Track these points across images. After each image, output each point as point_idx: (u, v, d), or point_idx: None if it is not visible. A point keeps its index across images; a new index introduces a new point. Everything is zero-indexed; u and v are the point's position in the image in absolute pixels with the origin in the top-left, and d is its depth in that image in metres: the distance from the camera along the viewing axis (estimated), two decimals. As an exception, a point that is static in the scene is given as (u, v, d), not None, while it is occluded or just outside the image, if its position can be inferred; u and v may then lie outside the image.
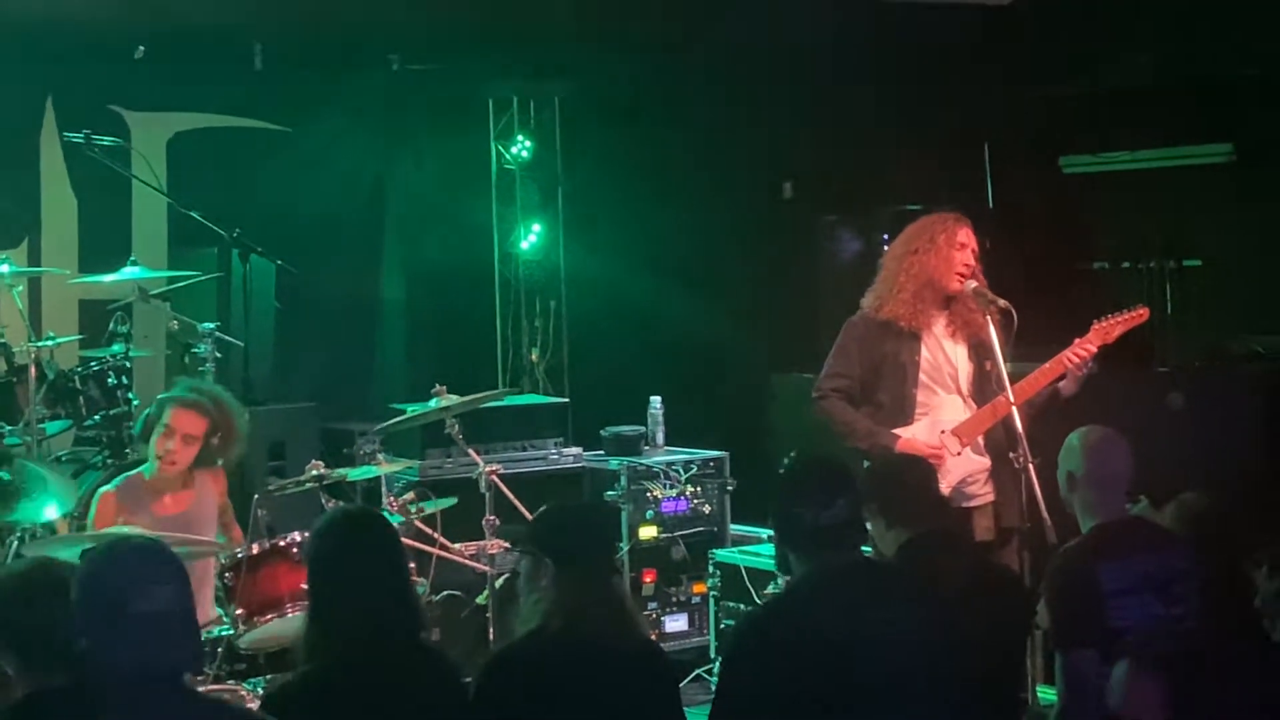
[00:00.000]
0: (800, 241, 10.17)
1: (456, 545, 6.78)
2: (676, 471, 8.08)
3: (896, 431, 6.34)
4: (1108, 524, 5.08)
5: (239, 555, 6.01)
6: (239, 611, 5.89)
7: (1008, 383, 6.18)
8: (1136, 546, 4.99)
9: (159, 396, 6.56)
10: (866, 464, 5.88)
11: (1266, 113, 9.09)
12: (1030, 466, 5.98)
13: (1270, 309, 9.11)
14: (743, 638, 4.43)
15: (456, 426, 6.82)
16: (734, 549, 7.83)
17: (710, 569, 7.75)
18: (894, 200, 9.29)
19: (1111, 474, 5.13)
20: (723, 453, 8.27)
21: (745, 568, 7.51)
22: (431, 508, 6.81)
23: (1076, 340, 6.32)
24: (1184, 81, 9.22)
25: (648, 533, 7.99)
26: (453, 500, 6.89)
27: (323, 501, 6.33)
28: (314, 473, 6.37)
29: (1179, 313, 9.35)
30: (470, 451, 6.86)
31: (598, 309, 10.06)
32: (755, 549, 7.69)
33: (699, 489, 8.12)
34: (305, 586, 4.52)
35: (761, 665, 4.23)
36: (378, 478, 6.89)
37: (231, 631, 5.93)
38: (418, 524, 6.69)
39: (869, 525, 4.89)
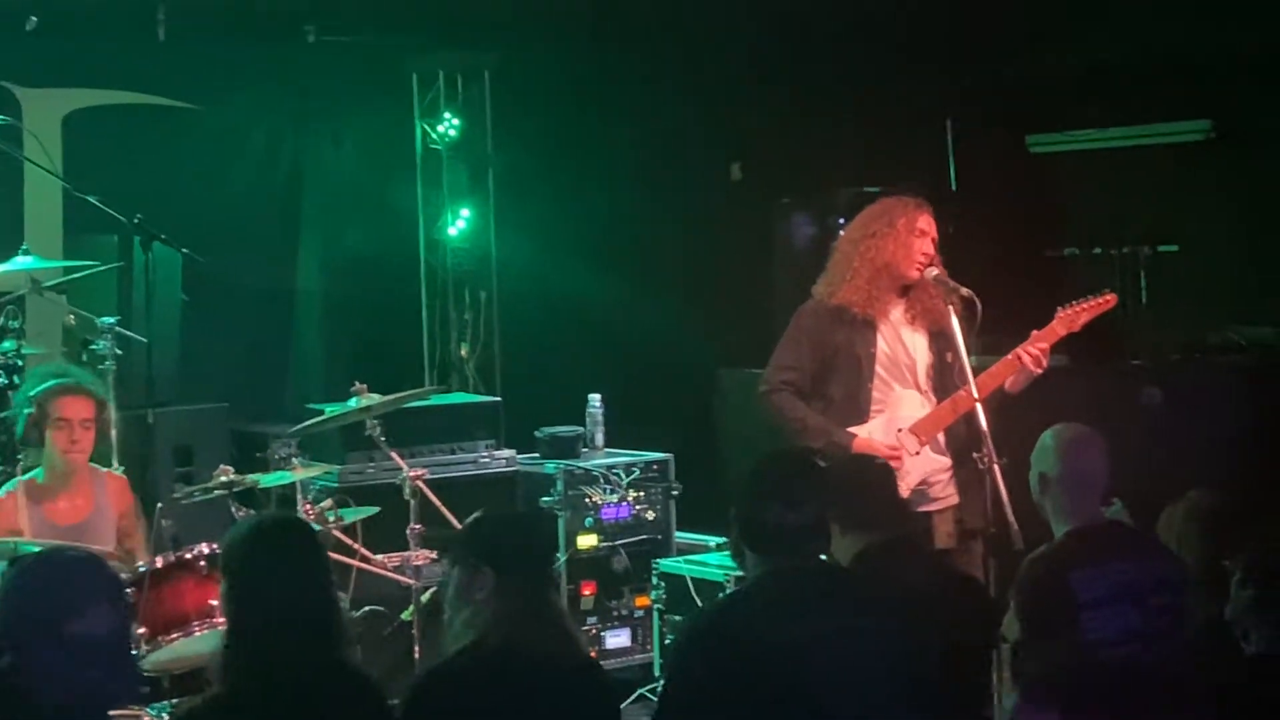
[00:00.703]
0: (750, 227, 10.17)
1: (379, 556, 6.76)
2: (617, 475, 8.06)
3: (852, 430, 6.35)
4: (1082, 529, 5.10)
5: (142, 569, 5.96)
6: (142, 631, 5.85)
7: (970, 376, 6.20)
8: (1113, 553, 5.01)
9: (29, 395, 6.54)
10: (821, 464, 5.87)
11: (1247, 87, 9.15)
12: (995, 466, 5.99)
13: (1252, 297, 9.18)
14: (690, 640, 4.43)
15: (379, 428, 6.80)
16: (680, 559, 7.82)
17: (654, 580, 7.73)
18: (851, 182, 9.31)
19: (1087, 475, 5.15)
20: (667, 454, 8.25)
21: (692, 579, 7.50)
22: (351, 516, 6.78)
23: (1034, 333, 6.34)
24: (1159, 54, 9.27)
25: (586, 542, 7.96)
26: (375, 509, 6.86)
27: (233, 510, 6.29)
28: (223, 479, 6.35)
29: (1155, 302, 9.40)
30: (393, 455, 6.83)
31: (532, 300, 10.03)
32: (703, 558, 7.68)
33: (642, 494, 8.10)
34: (216, 602, 4.48)
35: (709, 671, 4.24)
36: (293, 484, 6.84)
37: (134, 653, 5.87)
38: (336, 533, 6.66)
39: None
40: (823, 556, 4.96)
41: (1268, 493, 7.13)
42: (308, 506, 6.79)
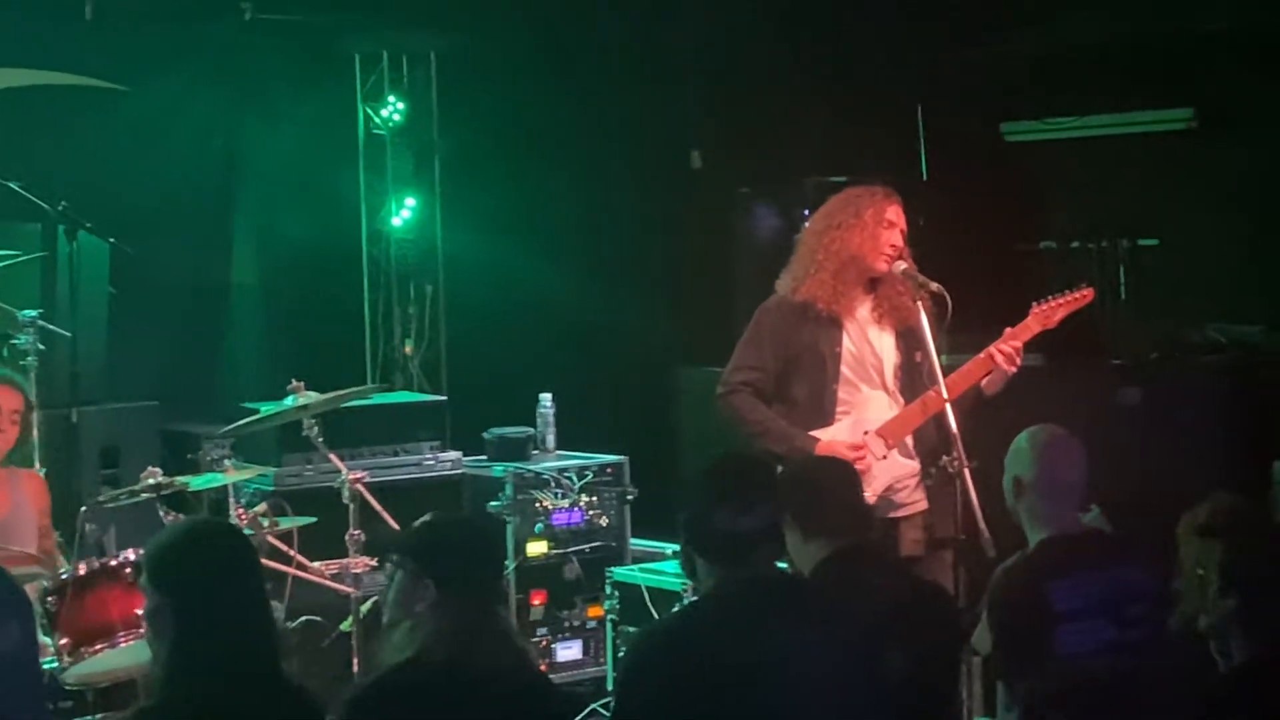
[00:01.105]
0: (711, 217, 10.17)
1: (316, 564, 6.76)
2: (569, 479, 8.05)
3: (816, 433, 6.35)
4: (1058, 537, 5.11)
5: (64, 576, 5.93)
6: (64, 642, 5.83)
7: (940, 376, 6.20)
8: (1090, 563, 5.02)
9: None
10: (781, 469, 5.88)
11: (1231, 73, 9.18)
12: (966, 471, 5.99)
13: (1235, 294, 9.20)
14: (641, 657, 4.41)
15: (316, 428, 6.78)
16: (634, 567, 7.82)
17: (608, 590, 7.73)
18: (816, 172, 9.32)
19: (1064, 480, 5.16)
20: (622, 457, 8.25)
21: (647, 588, 7.50)
22: (288, 522, 6.75)
23: (1008, 330, 6.35)
24: (1139, 38, 9.30)
25: (537, 549, 7.96)
26: (313, 519, 6.86)
27: (160, 514, 6.26)
28: (150, 481, 6.33)
29: (1134, 298, 9.44)
30: (332, 457, 6.80)
31: (480, 294, 10.03)
32: (659, 566, 7.68)
33: (595, 499, 8.10)
34: (142, 612, 4.45)
35: (662, 688, 4.22)
36: (225, 487, 6.82)
37: (56, 665, 5.85)
38: (271, 540, 6.65)
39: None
40: (782, 565, 4.97)
41: (1249, 499, 7.17)
42: (240, 511, 6.78)
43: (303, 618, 6.99)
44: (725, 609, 4.33)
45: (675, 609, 6.90)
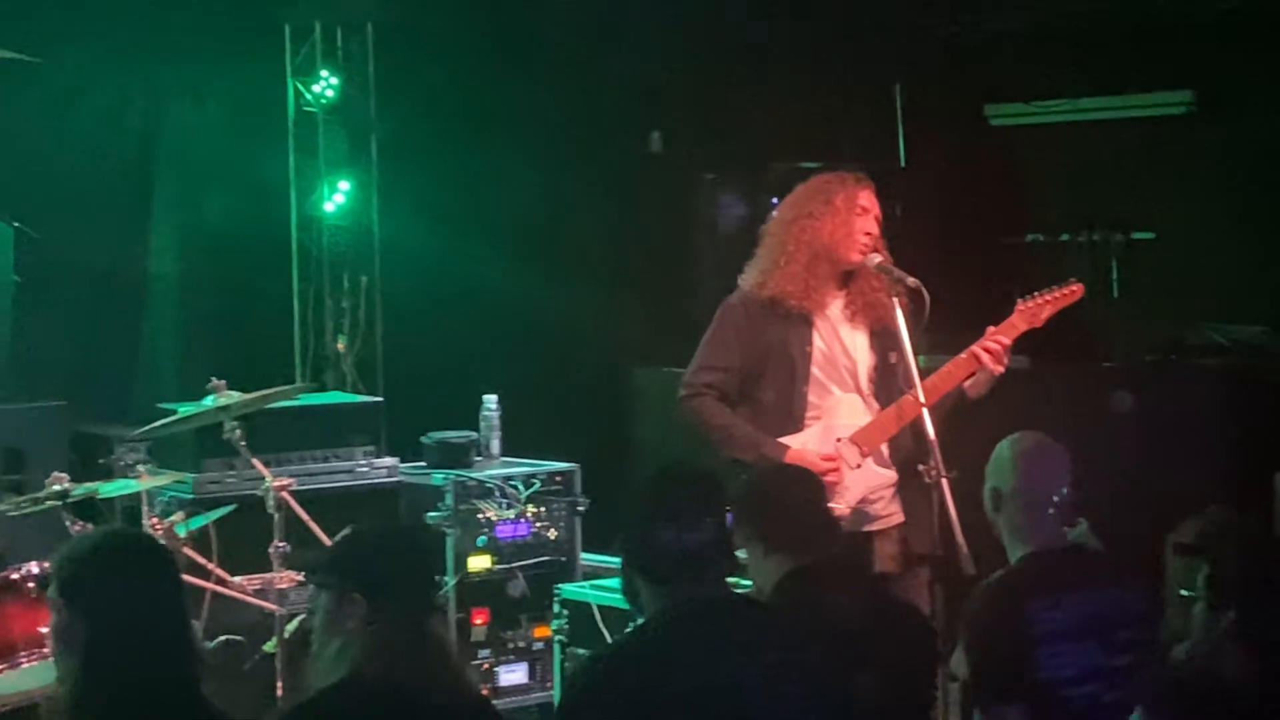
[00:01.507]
0: (671, 205, 10.19)
1: (237, 579, 6.73)
2: (515, 488, 8.04)
3: (785, 440, 6.36)
4: (1041, 553, 5.12)
5: (-40, 591, 5.91)
6: (-40, 663, 5.78)
7: (917, 379, 6.20)
8: (1075, 581, 5.03)
9: None
10: (743, 479, 5.87)
11: (1233, 53, 9.23)
12: (944, 481, 5.99)
13: (1236, 291, 9.26)
14: (584, 689, 4.38)
15: (239, 431, 6.76)
16: (585, 584, 7.79)
17: (556, 608, 7.70)
18: (785, 156, 9.35)
19: (1047, 492, 5.17)
20: (573, 465, 8.24)
21: (599, 606, 7.47)
22: (200, 521, 6.74)
23: (990, 329, 6.36)
24: (1135, 15, 9.34)
25: (479, 563, 7.94)
26: (228, 514, 6.83)
27: (67, 524, 6.23)
28: (57, 488, 6.29)
29: (1128, 296, 9.49)
30: (256, 462, 6.78)
31: (420, 286, 10.01)
32: (612, 583, 7.65)
33: (543, 509, 8.09)
34: (46, 630, 4.44)
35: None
36: (138, 495, 6.79)
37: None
38: (188, 552, 6.61)
39: (744, 553, 4.88)
40: (746, 583, 4.97)
41: (1249, 509, 7.21)
42: (155, 520, 6.74)
43: (222, 637, 6.95)
44: (673, 633, 4.31)
45: (614, 640, 6.86)
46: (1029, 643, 4.88)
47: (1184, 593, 4.68)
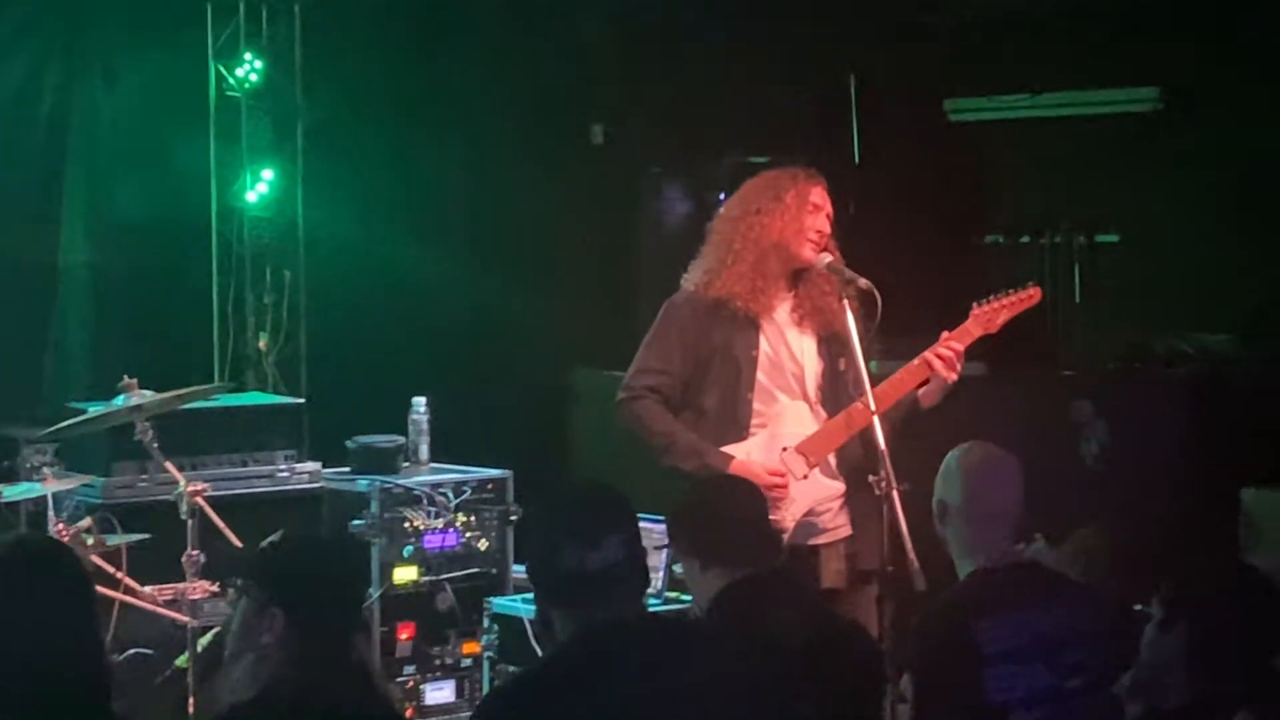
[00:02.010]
0: (613, 200, 10.20)
1: (147, 588, 6.73)
2: (444, 496, 8.03)
3: (729, 449, 6.38)
4: (990, 569, 5.13)
5: None
6: None
7: (868, 386, 6.22)
8: (1026, 599, 5.04)
9: None
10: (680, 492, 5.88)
11: (1202, 49, 9.28)
12: (894, 493, 6.02)
13: (1202, 298, 9.30)
14: (493, 716, 4.35)
15: (152, 432, 6.75)
16: (517, 597, 7.78)
17: (486, 623, 7.70)
18: (734, 150, 9.36)
19: (996, 505, 5.18)
20: (506, 472, 8.24)
21: (530, 621, 7.48)
22: (117, 539, 6.69)
23: (944, 334, 6.39)
24: (1100, 8, 9.38)
25: (405, 575, 7.92)
26: (145, 535, 6.82)
27: (-32, 529, 6.21)
28: (-45, 491, 6.26)
29: (1090, 301, 9.52)
30: (169, 466, 6.77)
31: (347, 282, 10.00)
32: (545, 596, 7.67)
33: (474, 519, 8.08)
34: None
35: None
36: (43, 498, 6.77)
37: None
38: (96, 559, 6.60)
39: (680, 568, 4.88)
40: (686, 598, 4.97)
41: (1212, 525, 7.27)
42: (61, 526, 6.75)
43: (131, 650, 6.93)
44: (593, 656, 4.27)
45: (520, 670, 6.82)
46: (976, 663, 4.88)
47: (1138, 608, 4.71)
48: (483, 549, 8.08)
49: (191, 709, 6.53)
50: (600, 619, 4.31)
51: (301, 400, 8.85)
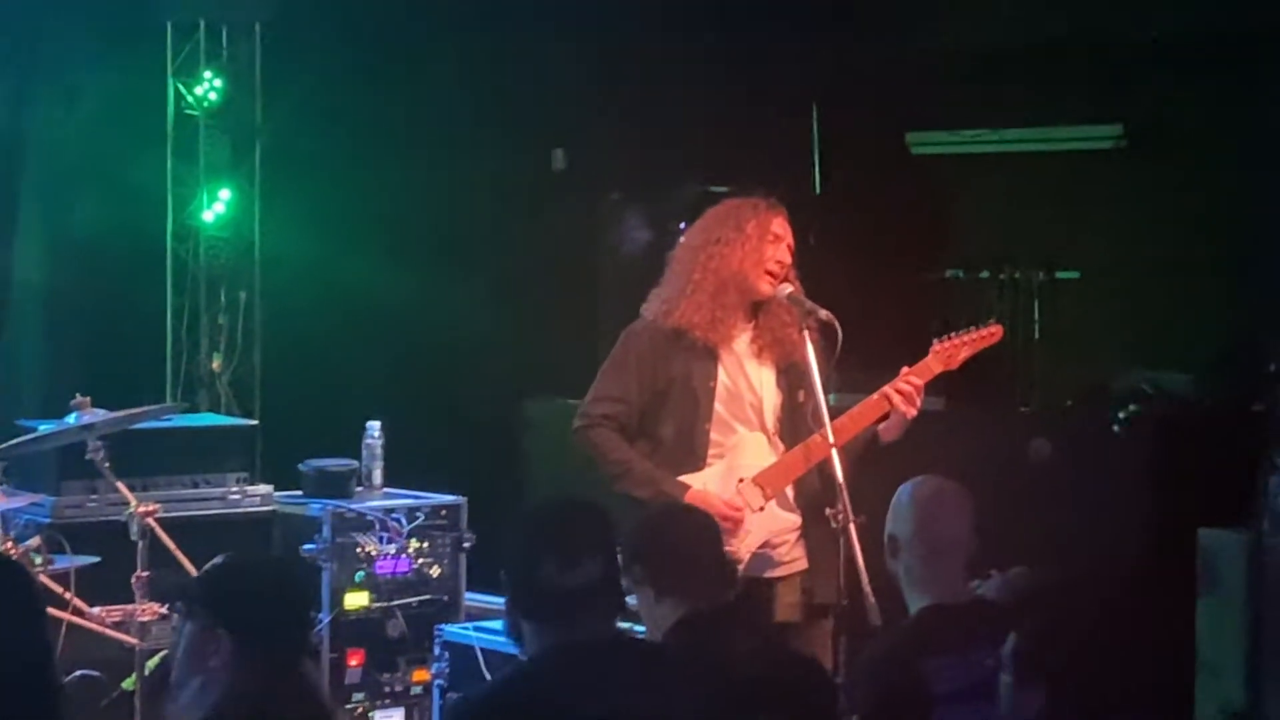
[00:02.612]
0: (574, 226, 10.19)
1: (95, 609, 6.68)
2: (397, 521, 8.01)
3: (686, 479, 6.36)
4: (941, 606, 5.14)
5: None
6: None
7: (826, 418, 6.22)
8: (977, 637, 5.04)
9: None
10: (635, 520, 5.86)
11: (1165, 87, 9.32)
12: (851, 526, 6.01)
13: (1163, 336, 9.33)
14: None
15: (103, 452, 6.74)
16: (469, 625, 7.77)
17: (436, 650, 7.69)
18: (695, 178, 9.36)
19: (947, 540, 5.18)
20: (460, 498, 8.22)
21: (482, 649, 7.46)
22: (66, 561, 6.67)
23: (905, 369, 6.40)
24: (1064, 45, 9.41)
25: (356, 600, 7.91)
26: (95, 558, 6.79)
27: (-85, 547, 6.17)
28: (-98, 510, 6.23)
29: (1049, 338, 9.54)
30: (120, 486, 6.75)
31: (303, 304, 9.98)
32: (496, 625, 7.62)
33: (426, 545, 8.06)
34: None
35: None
36: (-9, 517, 6.76)
37: None
38: (45, 579, 6.56)
39: (635, 597, 4.87)
40: (637, 629, 4.96)
41: (1171, 564, 7.29)
42: (10, 545, 6.71)
43: (78, 672, 6.89)
44: (554, 676, 4.30)
45: (485, 683, 6.82)
46: (925, 703, 4.87)
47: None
48: (435, 576, 8.06)
49: (138, 732, 6.51)
50: (570, 638, 4.34)
51: (254, 422, 8.82)
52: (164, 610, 6.48)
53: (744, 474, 6.37)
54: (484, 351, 10.01)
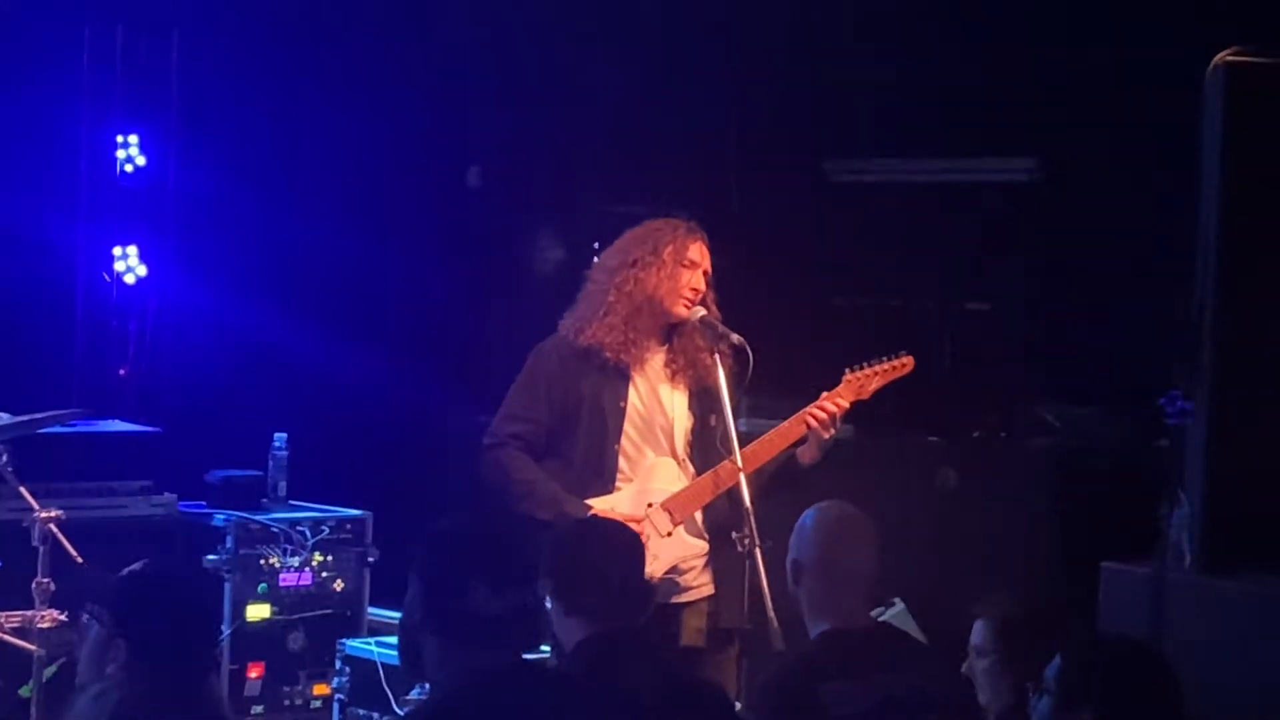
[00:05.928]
0: (487, 245, 10.17)
1: (-6, 616, 6.65)
2: (302, 534, 8.03)
3: (592, 501, 6.38)
4: (841, 630, 5.18)
5: None
6: None
7: (736, 444, 6.24)
8: (875, 663, 5.08)
9: None
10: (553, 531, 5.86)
11: (1080, 121, 9.39)
12: (758, 551, 6.01)
13: (1072, 369, 9.38)
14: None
15: (5, 456, 6.73)
16: (371, 640, 7.80)
17: (338, 664, 7.70)
18: (610, 199, 9.38)
19: (848, 565, 5.23)
20: (365, 513, 8.25)
21: (384, 664, 7.49)
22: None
23: (824, 394, 6.44)
24: (978, 76, 9.47)
25: (258, 612, 7.92)
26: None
27: None
28: None
29: (958, 369, 9.59)
30: (23, 490, 6.74)
31: (208, 312, 9.91)
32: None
33: (330, 558, 8.08)
34: None
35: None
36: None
37: None
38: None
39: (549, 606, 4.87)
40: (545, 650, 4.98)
41: (1069, 599, 7.36)
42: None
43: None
44: (472, 705, 4.23)
45: (414, 695, 6.82)
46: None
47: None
48: (338, 589, 8.09)
49: (35, 741, 6.48)
50: (480, 663, 4.27)
51: (159, 430, 8.79)
52: (64, 617, 6.46)
53: (653, 499, 6.40)
54: (394, 366, 9.95)
